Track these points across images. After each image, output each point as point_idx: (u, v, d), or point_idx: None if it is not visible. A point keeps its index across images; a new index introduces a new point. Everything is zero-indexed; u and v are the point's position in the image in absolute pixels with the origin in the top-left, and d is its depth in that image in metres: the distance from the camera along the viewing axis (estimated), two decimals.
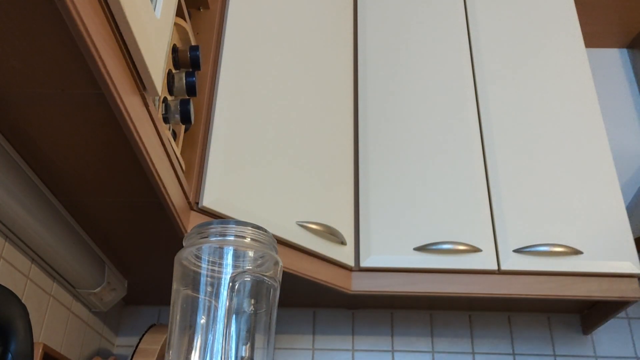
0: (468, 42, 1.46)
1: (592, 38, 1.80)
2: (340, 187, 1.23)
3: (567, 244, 1.18)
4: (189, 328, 0.73)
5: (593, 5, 1.71)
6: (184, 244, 0.79)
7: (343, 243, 1.17)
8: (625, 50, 1.83)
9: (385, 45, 1.46)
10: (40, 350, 0.87)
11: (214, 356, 0.69)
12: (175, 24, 0.97)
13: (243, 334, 0.73)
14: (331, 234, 1.14)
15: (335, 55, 1.38)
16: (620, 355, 1.36)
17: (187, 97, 0.96)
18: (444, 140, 1.32)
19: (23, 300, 0.80)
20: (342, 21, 1.46)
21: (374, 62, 1.44)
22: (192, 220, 0.96)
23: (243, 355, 0.72)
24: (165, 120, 0.91)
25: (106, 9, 0.61)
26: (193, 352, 0.71)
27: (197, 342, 0.71)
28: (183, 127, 1.00)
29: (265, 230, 0.77)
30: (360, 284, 1.19)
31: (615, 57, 1.82)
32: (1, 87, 0.66)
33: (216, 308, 0.72)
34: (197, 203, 0.97)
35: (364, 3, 1.53)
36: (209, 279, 0.75)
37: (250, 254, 0.77)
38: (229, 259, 0.75)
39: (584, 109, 1.35)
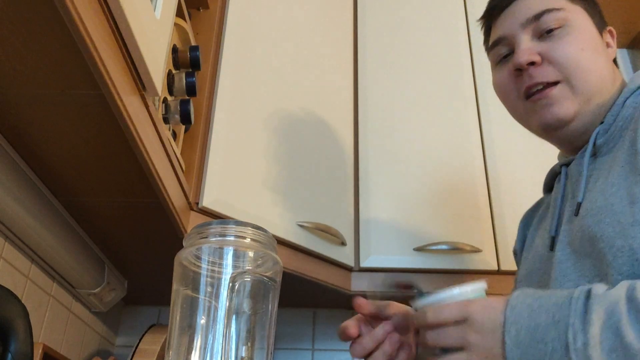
0: (468, 41, 1.46)
1: None
2: (340, 187, 1.23)
3: None
4: (189, 328, 0.73)
5: None
6: (183, 244, 0.79)
7: (343, 243, 1.17)
8: (625, 51, 1.83)
9: (386, 50, 1.46)
10: (40, 351, 0.87)
11: (214, 356, 0.69)
12: (175, 24, 0.97)
13: (243, 334, 0.73)
14: (331, 234, 1.14)
15: (336, 55, 1.38)
16: None
17: (187, 97, 0.96)
18: (443, 139, 1.32)
19: (23, 300, 0.79)
20: (342, 20, 1.45)
21: (375, 63, 1.44)
22: (192, 220, 0.96)
23: (243, 355, 0.72)
24: (165, 120, 0.91)
25: (106, 9, 0.61)
26: (193, 352, 0.70)
27: (197, 343, 0.71)
28: (183, 127, 1.00)
29: (265, 230, 0.77)
30: (360, 284, 1.18)
31: None
32: (2, 87, 0.66)
33: (216, 308, 0.72)
34: (197, 203, 0.97)
35: (363, 3, 1.53)
36: (208, 279, 0.74)
37: (250, 254, 0.76)
38: (228, 259, 0.75)
39: None
